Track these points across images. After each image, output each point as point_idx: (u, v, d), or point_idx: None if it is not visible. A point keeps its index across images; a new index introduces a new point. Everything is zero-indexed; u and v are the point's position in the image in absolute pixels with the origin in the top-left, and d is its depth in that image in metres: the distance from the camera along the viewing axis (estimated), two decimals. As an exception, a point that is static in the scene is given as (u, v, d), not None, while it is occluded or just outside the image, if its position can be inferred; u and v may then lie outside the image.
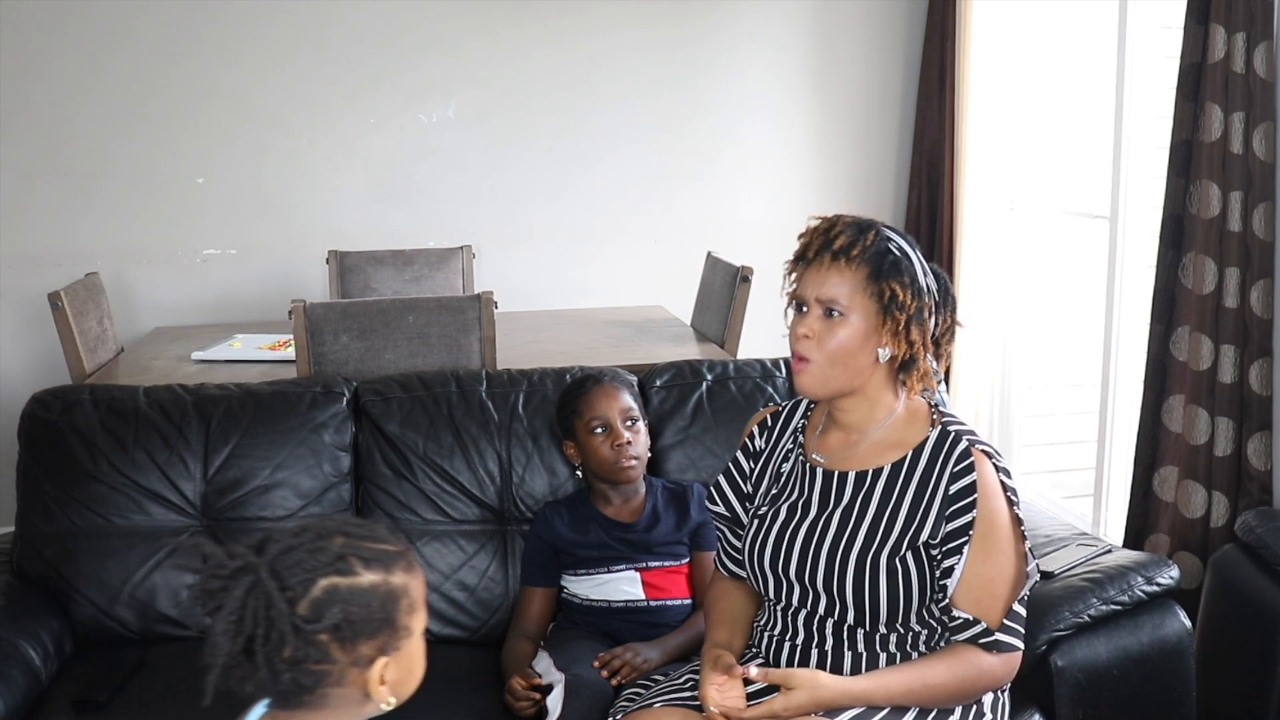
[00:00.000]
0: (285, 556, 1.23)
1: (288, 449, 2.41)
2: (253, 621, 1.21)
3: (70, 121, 4.19)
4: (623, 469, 2.26)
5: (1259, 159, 2.80)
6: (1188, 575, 2.89)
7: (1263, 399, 2.86)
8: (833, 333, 1.77)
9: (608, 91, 4.54)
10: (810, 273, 1.80)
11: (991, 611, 1.75)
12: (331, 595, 1.23)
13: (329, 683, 1.25)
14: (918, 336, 1.79)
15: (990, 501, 1.76)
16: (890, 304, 1.76)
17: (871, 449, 1.84)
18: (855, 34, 4.68)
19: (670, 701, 1.85)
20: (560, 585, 2.31)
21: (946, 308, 1.85)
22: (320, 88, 4.34)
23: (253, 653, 1.21)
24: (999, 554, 1.76)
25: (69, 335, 3.42)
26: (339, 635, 1.23)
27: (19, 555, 2.36)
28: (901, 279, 1.77)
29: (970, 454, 1.77)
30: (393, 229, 4.42)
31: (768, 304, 4.41)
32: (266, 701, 1.27)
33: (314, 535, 1.27)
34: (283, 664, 1.22)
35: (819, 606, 1.82)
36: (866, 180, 4.77)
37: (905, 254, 1.80)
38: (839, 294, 1.77)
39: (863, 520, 1.81)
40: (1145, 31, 3.45)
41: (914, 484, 1.80)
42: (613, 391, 2.30)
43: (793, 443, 1.95)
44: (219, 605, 1.21)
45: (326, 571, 1.24)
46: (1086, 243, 3.94)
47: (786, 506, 1.88)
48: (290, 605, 1.22)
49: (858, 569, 1.78)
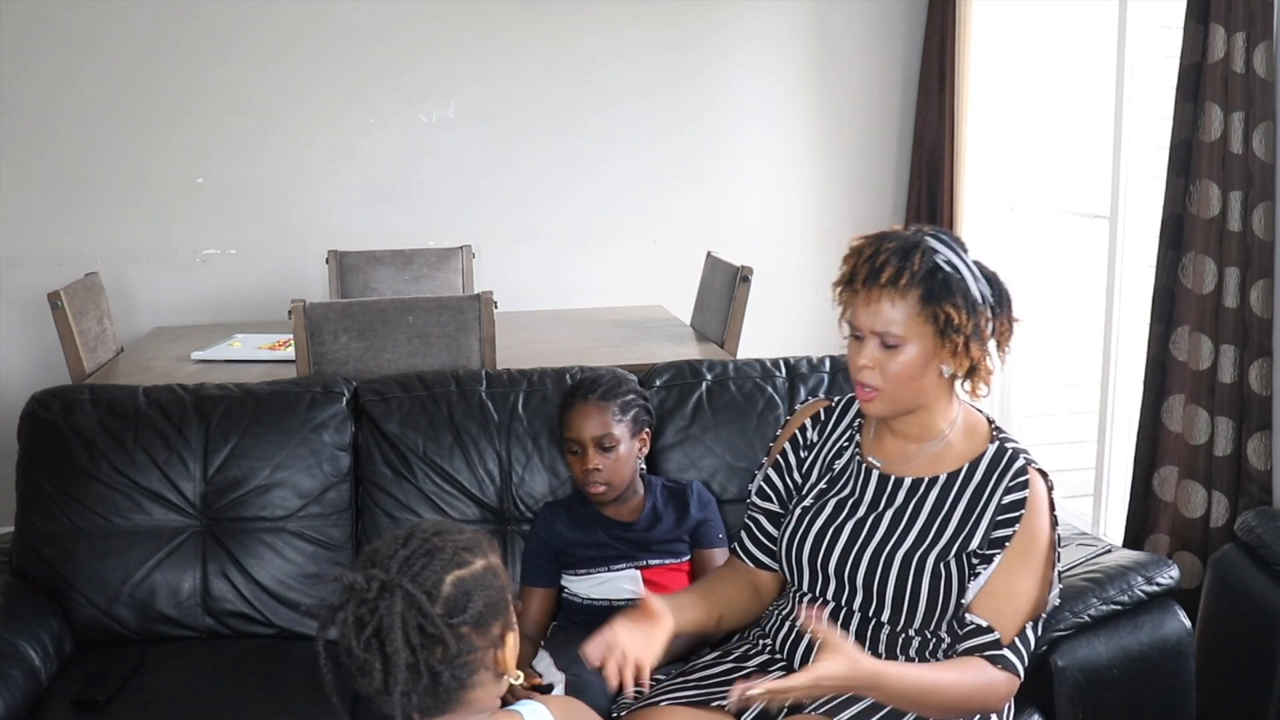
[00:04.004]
0: (411, 564, 1.29)
1: (287, 449, 2.41)
2: (416, 633, 1.26)
3: (70, 122, 4.19)
4: (589, 491, 2.26)
5: (1259, 159, 2.80)
6: (1188, 575, 2.89)
7: (1262, 399, 2.86)
8: (893, 360, 1.76)
9: (608, 91, 4.54)
10: (859, 302, 1.77)
11: (1007, 625, 1.75)
12: (460, 587, 1.30)
13: (479, 670, 1.32)
14: (978, 351, 1.77)
15: (1035, 519, 1.77)
16: (946, 327, 1.74)
17: (929, 459, 1.85)
18: (855, 34, 4.68)
19: (676, 700, 1.85)
20: (560, 585, 2.31)
21: (1003, 309, 1.82)
22: (320, 87, 4.34)
23: (417, 663, 1.26)
24: (1030, 571, 1.77)
25: (69, 335, 3.42)
26: (477, 622, 1.30)
27: (19, 555, 2.36)
28: (954, 300, 1.74)
29: (1026, 471, 1.79)
30: (392, 229, 4.42)
31: (768, 304, 4.45)
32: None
33: (420, 540, 1.32)
34: (441, 665, 1.28)
35: (853, 603, 1.83)
36: (866, 180, 4.77)
37: (954, 267, 1.76)
38: (892, 325, 1.75)
39: (914, 523, 1.82)
40: (1145, 31, 3.45)
41: (968, 495, 1.81)
42: (593, 412, 2.25)
43: (848, 441, 1.95)
44: (377, 628, 1.26)
45: (450, 567, 1.30)
46: (1086, 242, 3.94)
47: (835, 502, 1.89)
48: (434, 606, 1.28)
49: (902, 567, 1.79)
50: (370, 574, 1.30)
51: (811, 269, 4.73)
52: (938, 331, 1.74)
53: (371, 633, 1.27)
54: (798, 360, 2.63)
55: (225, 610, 2.33)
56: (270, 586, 2.35)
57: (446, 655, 1.28)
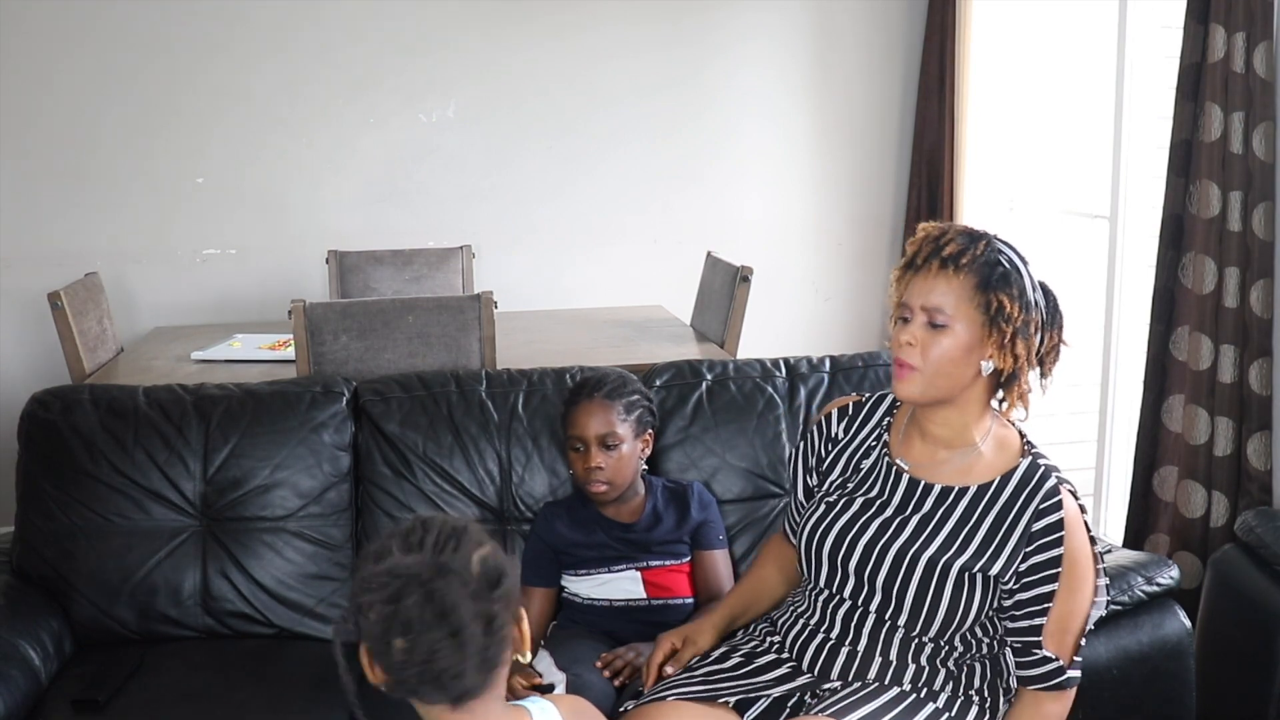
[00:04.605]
0: (443, 548, 1.32)
1: (287, 449, 2.41)
2: (474, 607, 1.30)
3: (70, 121, 4.19)
4: (590, 490, 2.26)
5: (1259, 159, 2.80)
6: (1188, 575, 2.89)
7: (1262, 399, 2.86)
8: (936, 341, 1.75)
9: (608, 91, 4.54)
10: (917, 280, 1.77)
11: (1064, 647, 1.76)
12: (487, 564, 1.34)
13: (508, 646, 1.36)
14: (1023, 351, 1.76)
15: (1074, 540, 1.75)
16: (997, 315, 1.73)
17: (959, 468, 1.83)
18: (855, 34, 4.68)
19: (682, 696, 1.85)
20: (561, 585, 2.31)
21: (1054, 326, 1.82)
22: (320, 87, 4.34)
23: (464, 642, 1.29)
24: (1079, 591, 1.76)
25: (69, 335, 3.42)
26: (508, 597, 1.34)
27: (19, 555, 2.36)
28: (1010, 290, 1.74)
29: (1058, 492, 1.76)
30: (392, 229, 4.42)
31: (768, 304, 4.44)
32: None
33: (438, 525, 1.35)
34: (486, 638, 1.31)
35: (870, 604, 1.82)
36: (866, 180, 4.77)
37: (1016, 267, 1.76)
38: (944, 302, 1.74)
39: (940, 530, 1.80)
40: (1145, 31, 3.45)
41: (996, 509, 1.79)
42: (598, 410, 2.25)
43: (875, 440, 1.94)
44: (442, 609, 1.28)
45: (474, 547, 1.34)
46: (1086, 242, 3.94)
47: (861, 501, 1.88)
48: (470, 584, 1.31)
49: (926, 572, 1.78)
50: (413, 559, 1.31)
51: (811, 269, 4.74)
52: (988, 320, 1.74)
53: (435, 615, 1.28)
54: (798, 360, 2.63)
55: (225, 610, 2.33)
56: (270, 586, 2.35)
57: (491, 629, 1.32)
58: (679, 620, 2.24)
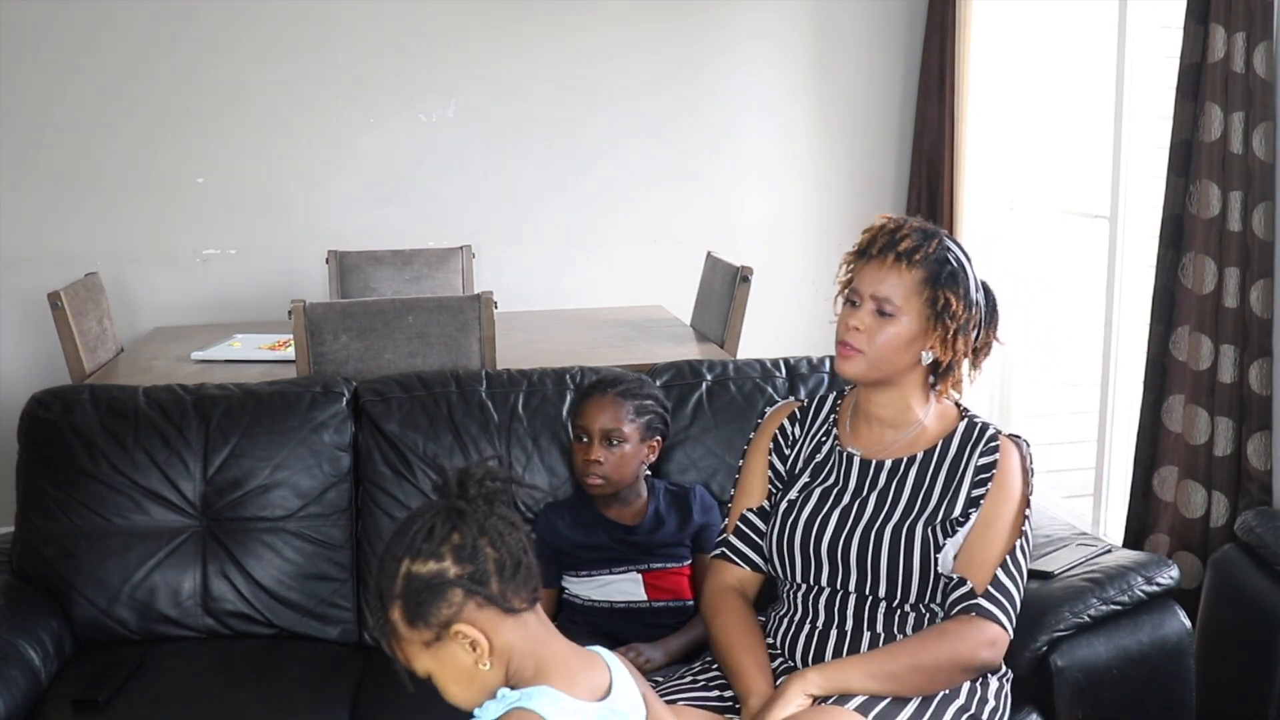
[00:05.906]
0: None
1: (287, 449, 2.41)
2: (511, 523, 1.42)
3: (70, 121, 4.19)
4: (585, 482, 2.27)
5: (1259, 159, 2.80)
6: (1188, 575, 2.89)
7: (1262, 399, 2.86)
8: (882, 330, 1.84)
9: (607, 91, 4.54)
10: (869, 269, 1.86)
11: (979, 575, 1.81)
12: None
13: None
14: (962, 346, 1.88)
15: (1005, 478, 1.86)
16: (943, 311, 1.84)
17: (905, 443, 1.93)
18: (855, 33, 4.68)
19: (687, 701, 1.86)
20: (561, 586, 2.31)
21: (991, 325, 1.94)
22: (320, 87, 4.34)
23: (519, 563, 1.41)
24: (999, 527, 1.84)
25: (69, 335, 3.42)
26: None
27: (19, 555, 2.36)
28: (957, 289, 1.85)
29: (998, 439, 1.88)
30: (392, 229, 4.42)
31: (768, 304, 4.44)
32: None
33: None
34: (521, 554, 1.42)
35: (848, 584, 1.87)
36: (866, 180, 4.77)
37: (963, 266, 1.87)
38: (894, 293, 1.84)
39: (899, 499, 1.89)
40: (1145, 31, 3.46)
41: (946, 465, 1.89)
42: (609, 405, 2.27)
43: (825, 435, 2.01)
44: (500, 532, 1.40)
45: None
46: (1086, 242, 3.94)
47: (820, 491, 1.95)
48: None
49: (893, 540, 1.84)
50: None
51: (811, 269, 4.73)
52: (934, 315, 1.84)
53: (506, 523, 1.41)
54: (798, 360, 2.63)
55: (225, 610, 2.33)
56: (270, 586, 2.35)
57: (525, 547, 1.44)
58: (679, 622, 2.24)
